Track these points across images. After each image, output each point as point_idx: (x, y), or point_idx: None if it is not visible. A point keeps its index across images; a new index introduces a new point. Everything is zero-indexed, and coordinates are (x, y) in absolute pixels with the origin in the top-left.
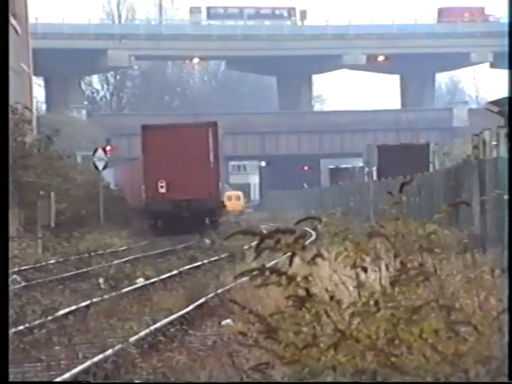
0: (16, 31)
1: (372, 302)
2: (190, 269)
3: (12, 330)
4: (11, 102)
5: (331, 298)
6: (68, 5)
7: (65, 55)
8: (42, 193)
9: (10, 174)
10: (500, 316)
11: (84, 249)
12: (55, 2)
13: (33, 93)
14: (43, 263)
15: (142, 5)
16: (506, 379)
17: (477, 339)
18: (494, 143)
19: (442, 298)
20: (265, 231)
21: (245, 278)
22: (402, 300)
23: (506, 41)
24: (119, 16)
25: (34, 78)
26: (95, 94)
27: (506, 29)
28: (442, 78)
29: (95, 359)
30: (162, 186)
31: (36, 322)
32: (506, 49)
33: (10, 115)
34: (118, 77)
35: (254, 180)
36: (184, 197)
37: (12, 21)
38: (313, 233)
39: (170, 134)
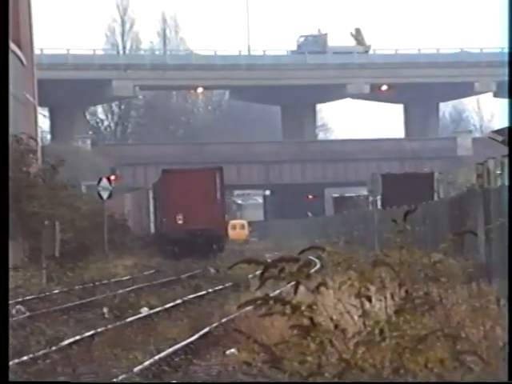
0: (21, 62)
1: (377, 331)
2: (194, 298)
3: (16, 361)
4: (16, 131)
5: (336, 327)
6: (73, 36)
7: (70, 85)
8: (46, 223)
9: (14, 203)
10: (505, 346)
11: (88, 278)
12: (60, 33)
13: (38, 123)
14: (47, 293)
15: (147, 35)
16: (506, 379)
17: (482, 369)
18: (499, 172)
19: (447, 327)
20: (269, 260)
21: (249, 307)
22: (408, 329)
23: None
24: (124, 46)
25: (38, 108)
26: (100, 124)
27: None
28: (446, 107)
29: None
30: (179, 219)
31: (40, 353)
32: (507, 78)
33: (15, 145)
34: (122, 107)
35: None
36: (197, 227)
37: (17, 51)
38: (317, 261)
39: (185, 177)
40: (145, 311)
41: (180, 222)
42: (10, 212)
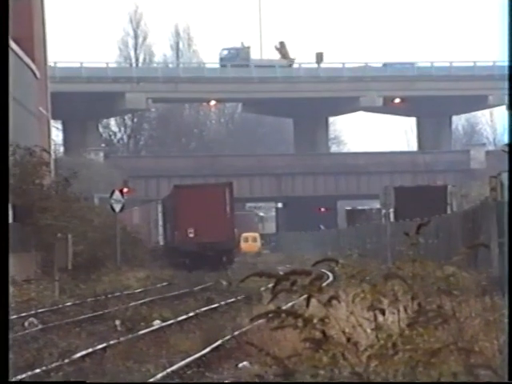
0: (35, 75)
1: (390, 345)
2: (206, 310)
3: (29, 374)
4: (30, 144)
5: (348, 340)
6: (86, 49)
7: (83, 98)
8: (59, 235)
9: (26, 216)
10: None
11: (101, 291)
12: (74, 47)
13: (51, 135)
14: (60, 306)
15: (159, 48)
16: (506, 379)
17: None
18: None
19: (460, 340)
20: (281, 273)
21: (261, 320)
22: (421, 342)
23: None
24: (137, 59)
25: (52, 121)
26: (112, 137)
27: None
28: (459, 120)
29: None
30: (190, 232)
31: (53, 365)
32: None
33: (28, 157)
34: (135, 119)
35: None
36: (208, 240)
37: (31, 65)
38: (330, 274)
39: (196, 192)
40: (157, 324)
41: (191, 235)
42: (24, 225)
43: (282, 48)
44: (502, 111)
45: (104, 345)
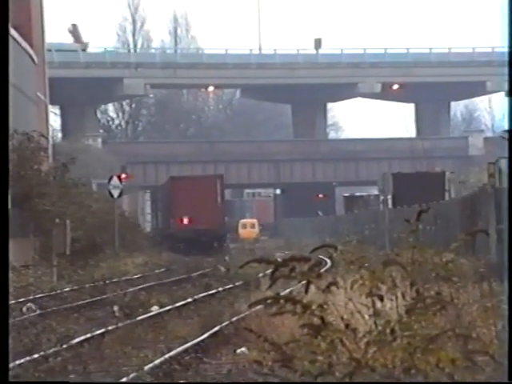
0: (33, 60)
1: (388, 331)
2: (204, 297)
3: (27, 358)
4: (28, 129)
5: (347, 326)
6: (84, 34)
7: (81, 84)
8: (57, 220)
9: (24, 201)
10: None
11: (99, 276)
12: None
13: (49, 121)
14: (58, 291)
15: (158, 34)
16: (506, 379)
17: (494, 369)
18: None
19: (458, 327)
20: (280, 259)
21: (260, 306)
22: (419, 329)
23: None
24: (135, 45)
25: (50, 106)
26: (111, 122)
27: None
28: (458, 107)
29: None
30: (185, 220)
31: (51, 350)
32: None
33: (26, 143)
34: (133, 105)
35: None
36: (201, 227)
37: (29, 50)
38: (328, 261)
39: (190, 183)
40: (155, 309)
41: (186, 222)
42: (22, 210)
43: (74, 31)
44: (500, 97)
45: (102, 330)
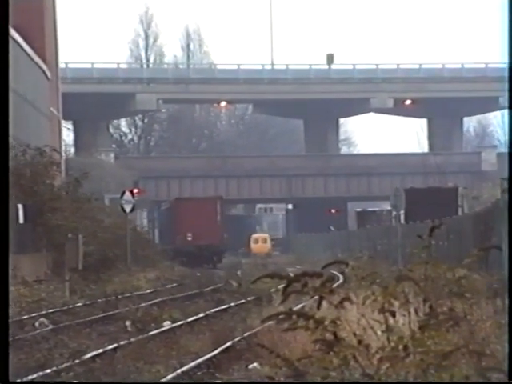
0: (46, 76)
1: (401, 347)
2: (216, 312)
3: (40, 374)
4: (40, 144)
5: (359, 342)
6: (97, 50)
7: (93, 99)
8: (69, 235)
9: (37, 216)
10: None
11: (111, 291)
12: (85, 47)
13: (62, 136)
14: (70, 306)
15: (170, 49)
16: (506, 379)
17: None
18: None
19: (472, 343)
20: (292, 274)
21: (272, 322)
22: (432, 345)
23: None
24: (147, 60)
25: (62, 121)
26: (123, 137)
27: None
28: (471, 122)
29: None
30: (189, 236)
31: (63, 366)
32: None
33: (39, 158)
34: (145, 120)
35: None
36: (203, 243)
37: (42, 65)
38: (340, 276)
39: (193, 204)
40: (167, 325)
41: (189, 238)
42: (35, 225)
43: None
44: None
45: (114, 345)
